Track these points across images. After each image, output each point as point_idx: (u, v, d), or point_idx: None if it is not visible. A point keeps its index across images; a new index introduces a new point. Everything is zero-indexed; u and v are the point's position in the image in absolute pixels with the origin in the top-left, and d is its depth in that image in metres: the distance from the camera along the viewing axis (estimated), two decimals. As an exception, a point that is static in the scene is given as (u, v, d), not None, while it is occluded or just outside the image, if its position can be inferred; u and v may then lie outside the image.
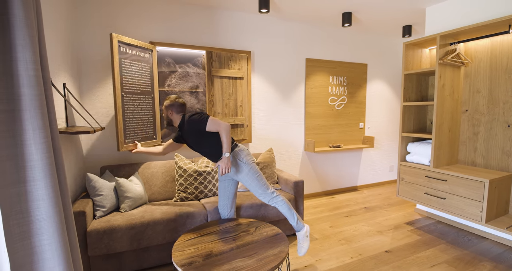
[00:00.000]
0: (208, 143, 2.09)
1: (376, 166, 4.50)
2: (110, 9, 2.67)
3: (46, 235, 1.21)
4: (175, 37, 2.95)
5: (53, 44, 1.97)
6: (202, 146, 2.11)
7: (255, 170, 2.12)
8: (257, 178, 2.11)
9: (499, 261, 2.32)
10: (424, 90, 3.15)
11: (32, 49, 1.16)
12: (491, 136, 2.64)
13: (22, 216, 1.16)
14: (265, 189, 2.12)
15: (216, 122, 2.00)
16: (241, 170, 2.10)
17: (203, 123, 2.01)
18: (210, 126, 2.00)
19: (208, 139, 2.07)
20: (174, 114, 2.16)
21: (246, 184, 2.12)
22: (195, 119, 2.04)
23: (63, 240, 1.25)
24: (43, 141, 1.19)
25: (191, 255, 1.67)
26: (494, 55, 2.59)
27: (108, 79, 2.72)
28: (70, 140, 2.25)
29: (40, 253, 1.20)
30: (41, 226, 1.20)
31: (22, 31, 1.14)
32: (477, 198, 2.38)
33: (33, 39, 1.16)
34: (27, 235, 1.17)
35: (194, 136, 2.08)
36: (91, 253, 1.95)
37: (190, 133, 2.09)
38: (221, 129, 1.99)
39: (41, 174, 1.18)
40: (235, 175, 2.14)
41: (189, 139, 2.13)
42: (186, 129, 2.09)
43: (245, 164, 2.09)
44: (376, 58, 4.28)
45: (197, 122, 2.03)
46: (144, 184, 2.60)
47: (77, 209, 1.94)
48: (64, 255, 1.25)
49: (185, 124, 2.09)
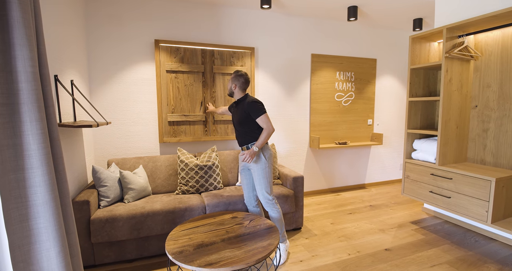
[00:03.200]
0: (247, 127, 2.27)
1: (385, 164, 4.40)
2: (116, 7, 2.79)
3: (43, 219, 1.31)
4: (179, 35, 3.03)
5: (62, 42, 2.10)
6: (241, 126, 2.29)
7: (269, 171, 2.26)
8: (267, 178, 2.25)
9: (505, 263, 2.22)
10: (433, 86, 3.05)
11: (29, 48, 1.25)
12: (501, 133, 2.52)
13: (21, 201, 1.27)
14: (269, 191, 2.26)
15: (266, 121, 2.19)
16: (259, 162, 2.24)
17: (258, 113, 2.18)
18: (260, 119, 2.19)
19: (250, 125, 2.26)
20: (237, 89, 2.31)
21: (256, 178, 2.26)
22: (255, 106, 2.20)
23: (59, 224, 1.34)
24: (40, 132, 1.28)
25: (183, 244, 1.74)
26: (505, 48, 2.46)
27: (115, 77, 2.85)
28: (77, 133, 2.39)
29: (37, 235, 1.30)
30: (38, 210, 1.30)
31: (20, 31, 1.23)
32: (483, 197, 2.28)
33: (30, 39, 1.25)
34: (25, 218, 1.27)
35: (243, 117, 2.25)
36: (94, 240, 2.07)
37: (241, 112, 2.26)
38: (265, 128, 2.19)
39: (38, 162, 1.28)
40: (252, 165, 2.26)
41: (237, 115, 2.31)
42: (241, 107, 2.27)
43: (265, 160, 2.24)
44: (386, 53, 4.17)
45: (254, 109, 2.19)
46: (148, 177, 2.71)
47: (82, 198, 2.07)
48: (60, 238, 1.34)
49: (244, 104, 2.25)
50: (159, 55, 2.91)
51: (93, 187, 2.37)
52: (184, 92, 3.04)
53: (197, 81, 3.07)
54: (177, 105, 3.03)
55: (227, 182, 2.96)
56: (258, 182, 2.25)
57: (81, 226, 2.06)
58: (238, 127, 2.32)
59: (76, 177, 2.31)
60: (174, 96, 3.01)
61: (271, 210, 2.28)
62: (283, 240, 2.31)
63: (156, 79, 2.93)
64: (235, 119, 2.35)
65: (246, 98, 2.28)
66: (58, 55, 2.05)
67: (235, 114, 2.36)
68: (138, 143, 2.99)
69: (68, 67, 2.23)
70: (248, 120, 2.24)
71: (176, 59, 2.97)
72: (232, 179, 2.98)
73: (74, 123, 1.95)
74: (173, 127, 3.04)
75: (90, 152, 2.72)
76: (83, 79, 2.61)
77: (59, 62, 2.05)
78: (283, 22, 3.50)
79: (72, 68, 2.31)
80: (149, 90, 2.99)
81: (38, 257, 1.30)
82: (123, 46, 2.85)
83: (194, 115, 3.08)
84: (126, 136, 2.95)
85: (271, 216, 2.30)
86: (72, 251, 1.51)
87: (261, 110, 2.19)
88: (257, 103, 2.21)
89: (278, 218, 2.29)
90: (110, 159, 2.71)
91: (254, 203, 2.42)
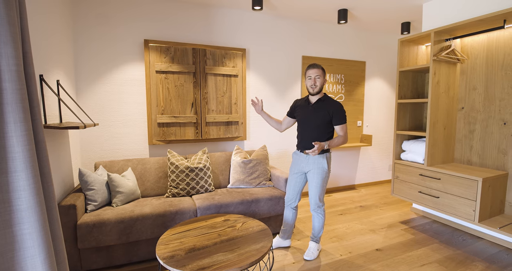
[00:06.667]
0: (323, 130, 2.18)
1: (375, 165, 4.46)
2: (105, 6, 2.73)
3: (27, 225, 1.25)
4: (169, 35, 2.99)
5: (48, 41, 2.02)
6: (319, 128, 2.18)
7: (326, 179, 2.26)
8: (323, 185, 2.24)
9: (492, 261, 2.27)
10: (421, 88, 3.11)
11: (13, 45, 1.20)
12: (487, 134, 2.59)
13: (4, 206, 1.21)
14: (321, 198, 2.27)
15: (346, 131, 2.18)
16: (319, 169, 2.20)
17: (343, 120, 2.15)
18: (343, 127, 2.16)
19: (326, 129, 2.18)
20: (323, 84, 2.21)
21: (312, 182, 2.24)
22: (343, 111, 2.15)
23: (44, 229, 1.29)
24: (24, 134, 1.23)
25: (174, 249, 1.70)
26: (490, 51, 2.54)
27: (103, 77, 2.78)
28: (63, 135, 2.31)
29: (21, 241, 1.24)
30: (22, 216, 1.24)
31: (4, 28, 1.18)
32: (470, 197, 2.34)
33: (14, 36, 1.20)
34: (9, 224, 1.21)
35: (326, 119, 2.15)
36: (80, 246, 2.00)
37: (324, 114, 2.15)
38: (344, 136, 2.17)
39: (22, 165, 1.22)
40: (312, 169, 2.22)
41: (316, 116, 2.17)
42: (323, 108, 2.16)
43: (326, 168, 2.21)
44: (375, 56, 4.24)
45: (342, 114, 2.15)
46: (137, 180, 2.65)
47: (68, 203, 2.00)
48: (45, 244, 1.28)
49: (329, 105, 2.16)
50: (149, 55, 2.86)
51: (79, 190, 2.30)
52: (175, 93, 2.99)
53: (188, 81, 3.03)
54: (167, 107, 2.98)
55: (218, 184, 2.93)
56: (315, 188, 2.23)
57: (67, 231, 1.99)
58: (315, 130, 2.18)
59: (62, 180, 2.23)
60: (164, 97, 2.96)
61: (317, 214, 2.31)
62: (318, 240, 2.39)
63: (146, 79, 2.88)
64: (313, 121, 2.18)
65: (329, 99, 2.19)
66: (44, 54, 1.98)
67: (313, 114, 2.18)
68: (126, 145, 2.92)
69: (54, 67, 2.16)
70: (328, 124, 2.16)
71: (166, 59, 2.92)
72: (223, 181, 2.95)
73: (60, 125, 1.88)
74: (162, 129, 2.98)
75: (76, 154, 2.63)
76: (70, 79, 2.53)
77: (44, 61, 1.98)
78: (274, 24, 3.50)
79: (58, 68, 2.24)
80: (138, 91, 2.93)
81: (22, 265, 1.24)
82: (111, 45, 2.78)
83: (184, 117, 3.04)
84: (114, 137, 2.87)
85: (315, 220, 2.34)
86: (58, 258, 1.45)
87: (346, 118, 2.17)
88: (344, 109, 2.20)
89: (322, 222, 2.33)
90: (98, 162, 2.63)
91: (294, 205, 2.41)
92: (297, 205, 2.47)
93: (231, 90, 3.23)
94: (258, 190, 2.75)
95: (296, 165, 2.33)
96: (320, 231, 2.36)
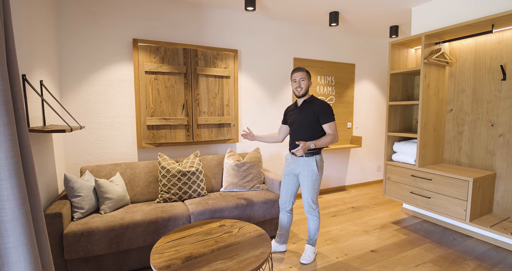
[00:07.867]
0: (313, 131, 2.18)
1: (364, 166, 4.52)
2: (91, 4, 2.61)
3: (12, 238, 1.15)
4: (159, 35, 2.89)
5: (31, 40, 1.90)
6: (309, 129, 2.18)
7: (318, 182, 2.23)
8: (314, 187, 2.23)
9: (482, 259, 2.33)
10: (410, 90, 3.17)
11: (-4, 43, 1.10)
12: (475, 135, 2.67)
13: (-15, 218, 1.10)
14: (314, 200, 2.25)
15: (335, 128, 2.16)
16: (309, 172, 2.19)
17: (330, 118, 2.14)
18: (331, 125, 2.14)
19: (315, 128, 2.18)
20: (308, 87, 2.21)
21: (303, 185, 2.24)
22: (330, 109, 2.15)
23: (31, 242, 1.19)
24: (8, 139, 1.13)
25: (170, 258, 1.62)
26: (478, 55, 2.62)
27: (89, 77, 2.65)
28: (47, 139, 2.18)
29: (5, 256, 1.14)
30: (6, 228, 1.14)
31: (-15, 24, 1.08)
32: (461, 197, 2.39)
33: (-4, 32, 1.10)
34: (-9, 237, 1.11)
35: (312, 119, 2.16)
36: (67, 257, 1.88)
37: (310, 114, 2.16)
38: (332, 134, 2.13)
39: (6, 173, 1.13)
40: (302, 171, 2.22)
41: (304, 117, 2.18)
42: (309, 108, 2.17)
43: (318, 171, 2.20)
44: (364, 59, 4.30)
45: (329, 113, 2.14)
46: (126, 185, 2.53)
47: (53, 211, 1.87)
48: (32, 258, 1.19)
49: (315, 105, 2.16)
50: (138, 55, 2.75)
51: (65, 197, 2.17)
52: (165, 94, 2.90)
53: (178, 82, 2.94)
54: (157, 108, 2.88)
55: (211, 188, 2.86)
56: (307, 190, 2.22)
57: (53, 241, 1.86)
58: (304, 131, 2.18)
59: (46, 187, 2.10)
60: (154, 98, 2.86)
61: (312, 217, 2.29)
62: (314, 243, 2.37)
63: (134, 80, 2.77)
64: (301, 122, 2.20)
65: (315, 99, 2.21)
66: (26, 52, 1.85)
67: (299, 115, 2.21)
68: (114, 149, 2.80)
69: (37, 67, 2.03)
70: (315, 124, 2.16)
71: (156, 59, 2.82)
72: (216, 185, 2.88)
73: (45, 128, 1.76)
74: (152, 132, 2.88)
75: (60, 158, 2.49)
76: (53, 79, 2.39)
77: (27, 60, 1.85)
78: (266, 25, 3.48)
79: (41, 68, 2.10)
80: (127, 92, 2.81)
81: (6, 283, 1.13)
82: (98, 44, 2.66)
83: (175, 119, 2.94)
84: (100, 141, 2.74)
85: (310, 222, 2.31)
86: (45, 272, 1.34)
87: (333, 116, 2.15)
88: (330, 107, 2.16)
89: (317, 225, 2.32)
90: (84, 166, 2.50)
91: (289, 208, 2.39)
92: (292, 208, 2.43)
93: (223, 91, 3.17)
94: (252, 193, 2.70)
95: (287, 167, 2.34)
96: (316, 233, 2.34)
